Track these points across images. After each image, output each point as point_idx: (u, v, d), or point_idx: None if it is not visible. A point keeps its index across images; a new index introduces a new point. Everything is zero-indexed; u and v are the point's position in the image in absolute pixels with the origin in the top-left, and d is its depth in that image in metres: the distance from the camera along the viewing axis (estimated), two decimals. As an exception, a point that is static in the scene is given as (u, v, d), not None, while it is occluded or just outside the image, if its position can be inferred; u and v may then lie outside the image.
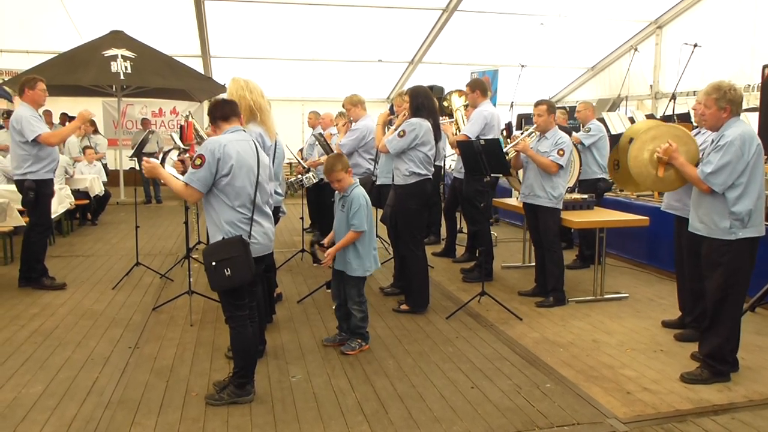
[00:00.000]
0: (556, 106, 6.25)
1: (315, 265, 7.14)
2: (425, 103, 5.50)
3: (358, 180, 4.67)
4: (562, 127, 6.30)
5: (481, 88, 6.63)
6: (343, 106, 6.95)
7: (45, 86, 6.02)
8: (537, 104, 5.82)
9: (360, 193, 4.53)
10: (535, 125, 5.88)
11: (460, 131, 7.12)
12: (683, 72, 10.14)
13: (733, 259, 3.96)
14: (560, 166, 5.63)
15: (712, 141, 4.06)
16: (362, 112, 6.77)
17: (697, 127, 5.07)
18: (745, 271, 4.01)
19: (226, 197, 3.62)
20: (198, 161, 3.55)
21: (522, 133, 6.49)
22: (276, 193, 4.67)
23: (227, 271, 3.52)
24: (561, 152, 5.61)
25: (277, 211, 4.82)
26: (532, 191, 5.81)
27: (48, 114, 11.89)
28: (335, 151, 6.58)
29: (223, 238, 3.60)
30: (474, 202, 6.52)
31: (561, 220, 5.86)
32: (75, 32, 12.44)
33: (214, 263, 3.52)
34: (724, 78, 4.22)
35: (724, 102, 3.93)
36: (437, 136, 5.64)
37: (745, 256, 3.98)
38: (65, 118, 12.18)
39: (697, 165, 4.09)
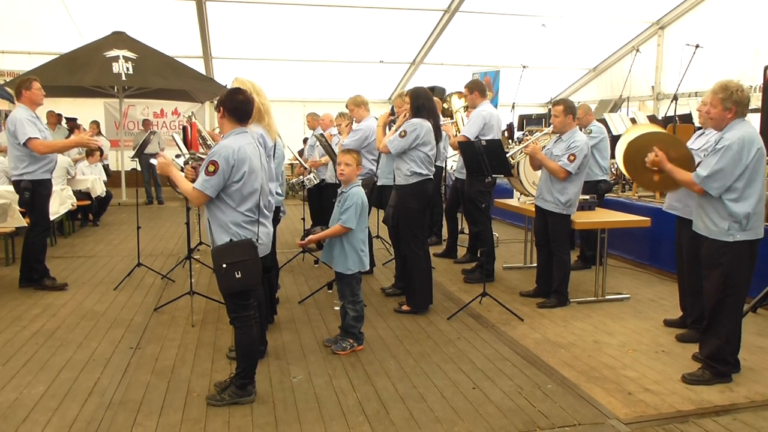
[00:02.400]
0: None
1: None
2: (426, 103, 5.51)
3: (360, 181, 4.68)
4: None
5: (479, 88, 6.63)
6: (347, 106, 6.96)
7: (40, 85, 6.04)
8: (554, 104, 5.69)
9: (358, 192, 4.56)
10: (551, 126, 5.81)
11: (460, 132, 7.13)
12: (685, 73, 10.12)
13: (732, 260, 3.95)
14: (569, 173, 5.47)
15: (715, 141, 4.04)
16: (365, 113, 6.78)
17: (700, 128, 5.06)
18: (744, 272, 4.00)
19: (231, 201, 3.60)
20: (211, 168, 3.51)
21: (525, 134, 6.47)
22: (276, 193, 4.67)
23: (238, 273, 3.51)
24: (572, 157, 5.43)
25: (277, 211, 4.83)
26: (541, 194, 5.76)
27: (53, 115, 11.87)
28: (337, 152, 6.58)
29: (231, 239, 3.60)
30: (476, 202, 6.52)
31: (571, 223, 5.73)
32: (76, 33, 12.47)
33: (224, 265, 3.50)
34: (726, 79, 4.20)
35: (730, 102, 3.90)
36: (438, 137, 5.65)
37: (744, 257, 3.97)
38: (53, 115, 12.02)
39: (696, 165, 4.08)
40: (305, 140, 12.25)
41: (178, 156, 5.85)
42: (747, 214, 3.89)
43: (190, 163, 5.04)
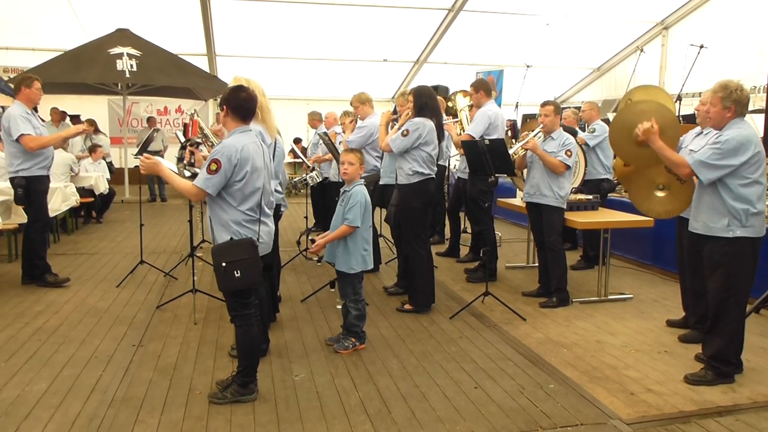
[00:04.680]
0: (564, 106, 6.24)
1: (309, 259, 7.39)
2: (429, 102, 5.51)
3: (363, 180, 4.68)
4: (566, 128, 6.28)
5: (484, 88, 6.63)
6: (351, 103, 6.96)
7: (41, 85, 6.06)
8: (544, 105, 5.85)
9: (361, 191, 4.55)
10: (541, 126, 5.88)
11: (464, 131, 7.12)
12: (689, 73, 10.09)
13: (734, 260, 3.95)
14: (568, 167, 5.66)
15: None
16: (370, 110, 6.78)
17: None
18: (747, 272, 4.00)
19: (233, 199, 3.60)
20: (213, 166, 3.51)
21: (528, 133, 6.48)
22: (276, 190, 4.67)
23: (237, 272, 3.50)
24: (569, 153, 5.64)
25: (278, 208, 4.83)
26: (538, 191, 5.81)
27: (56, 112, 11.88)
28: (340, 150, 6.58)
29: (232, 238, 3.59)
30: (478, 202, 6.52)
31: (565, 220, 5.87)
32: (81, 30, 12.47)
33: (224, 264, 3.50)
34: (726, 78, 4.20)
35: (729, 102, 3.92)
36: (440, 136, 5.65)
37: (747, 257, 3.96)
38: (56, 112, 12.02)
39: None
40: (296, 140, 12.25)
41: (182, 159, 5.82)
42: (746, 210, 3.89)
43: (187, 148, 5.02)
